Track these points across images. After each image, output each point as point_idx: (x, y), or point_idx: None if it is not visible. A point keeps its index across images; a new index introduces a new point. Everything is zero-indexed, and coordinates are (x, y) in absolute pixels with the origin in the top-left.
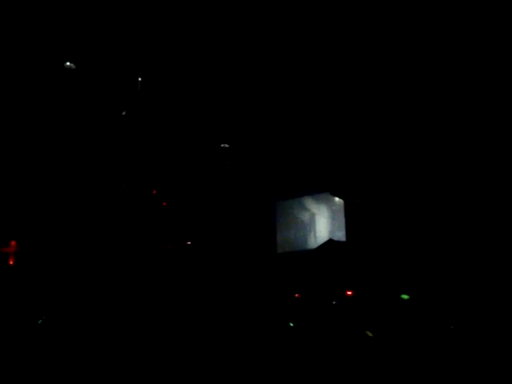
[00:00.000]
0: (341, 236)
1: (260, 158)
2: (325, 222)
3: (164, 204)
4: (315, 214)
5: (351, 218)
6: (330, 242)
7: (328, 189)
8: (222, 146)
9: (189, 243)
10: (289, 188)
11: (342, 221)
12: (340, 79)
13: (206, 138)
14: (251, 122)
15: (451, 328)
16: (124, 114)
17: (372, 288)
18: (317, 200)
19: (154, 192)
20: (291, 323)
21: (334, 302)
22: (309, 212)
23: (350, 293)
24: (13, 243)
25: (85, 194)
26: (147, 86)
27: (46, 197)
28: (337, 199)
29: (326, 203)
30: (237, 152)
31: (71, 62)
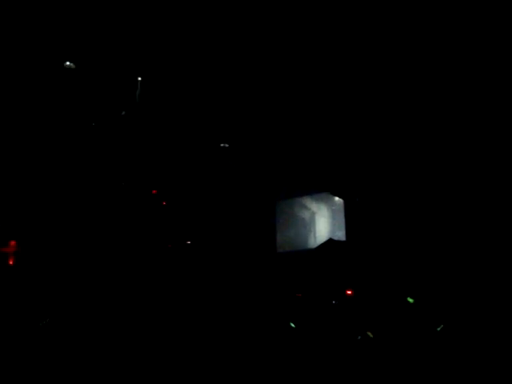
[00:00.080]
0: (341, 235)
1: (260, 157)
2: (325, 222)
3: (164, 204)
4: (315, 214)
5: (351, 218)
6: (330, 241)
7: (328, 188)
8: (222, 145)
9: (189, 243)
10: (289, 188)
11: (342, 220)
12: (340, 79)
13: (206, 137)
14: (251, 122)
15: (451, 328)
16: (124, 113)
17: (372, 288)
18: (317, 200)
19: (153, 192)
20: (292, 324)
21: (334, 302)
22: (309, 211)
23: (349, 292)
24: (13, 243)
25: (85, 194)
26: (147, 85)
27: (45, 197)
28: (337, 199)
29: (325, 203)
30: (237, 152)
31: (71, 62)
